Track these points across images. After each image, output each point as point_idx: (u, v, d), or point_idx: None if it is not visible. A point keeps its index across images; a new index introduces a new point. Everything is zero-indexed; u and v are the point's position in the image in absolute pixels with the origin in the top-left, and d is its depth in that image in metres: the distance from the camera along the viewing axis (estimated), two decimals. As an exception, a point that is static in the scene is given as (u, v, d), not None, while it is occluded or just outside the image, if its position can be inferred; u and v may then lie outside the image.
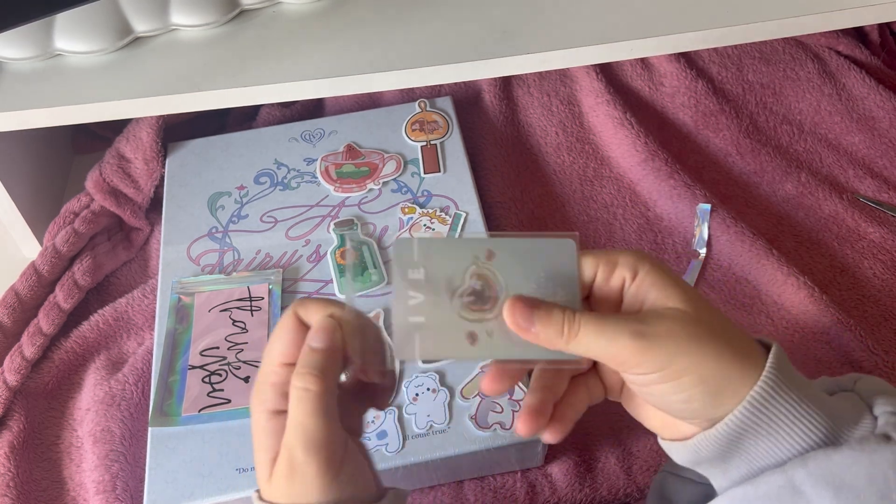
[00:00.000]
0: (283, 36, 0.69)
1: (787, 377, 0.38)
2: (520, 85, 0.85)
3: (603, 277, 0.40)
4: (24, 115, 0.65)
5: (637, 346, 0.37)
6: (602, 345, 0.37)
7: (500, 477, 0.61)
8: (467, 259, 0.39)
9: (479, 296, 0.39)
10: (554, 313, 0.38)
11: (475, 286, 0.39)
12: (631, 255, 0.39)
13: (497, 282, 0.39)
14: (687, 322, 0.37)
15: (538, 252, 0.40)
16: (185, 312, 0.65)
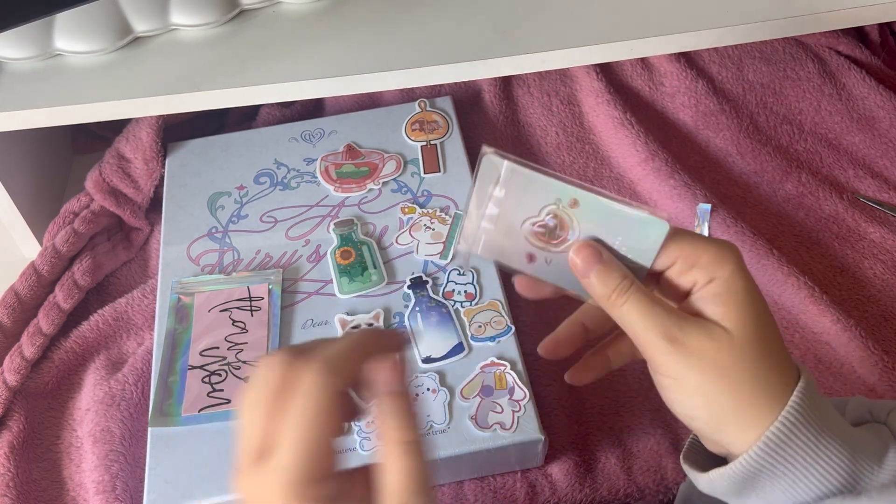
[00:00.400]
0: (283, 36, 0.69)
1: (811, 413, 0.38)
2: (520, 85, 0.85)
3: (678, 271, 0.39)
4: (24, 115, 0.65)
5: (665, 348, 0.38)
6: (637, 327, 0.39)
7: (500, 477, 0.61)
8: (550, 198, 0.40)
9: (550, 231, 0.40)
10: (613, 274, 0.39)
11: (549, 222, 0.40)
12: (713, 258, 0.39)
13: (572, 227, 0.40)
14: (722, 348, 0.38)
15: (625, 220, 0.39)
16: (184, 312, 0.65)
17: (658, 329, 0.38)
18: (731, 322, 0.38)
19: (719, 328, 0.38)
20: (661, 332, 0.38)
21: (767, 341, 0.39)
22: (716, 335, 0.38)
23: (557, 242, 0.40)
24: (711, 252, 0.39)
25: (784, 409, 0.38)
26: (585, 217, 0.40)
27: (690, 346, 0.38)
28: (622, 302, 0.39)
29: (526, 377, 0.61)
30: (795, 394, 0.38)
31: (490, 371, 0.61)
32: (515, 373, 0.61)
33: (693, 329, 0.38)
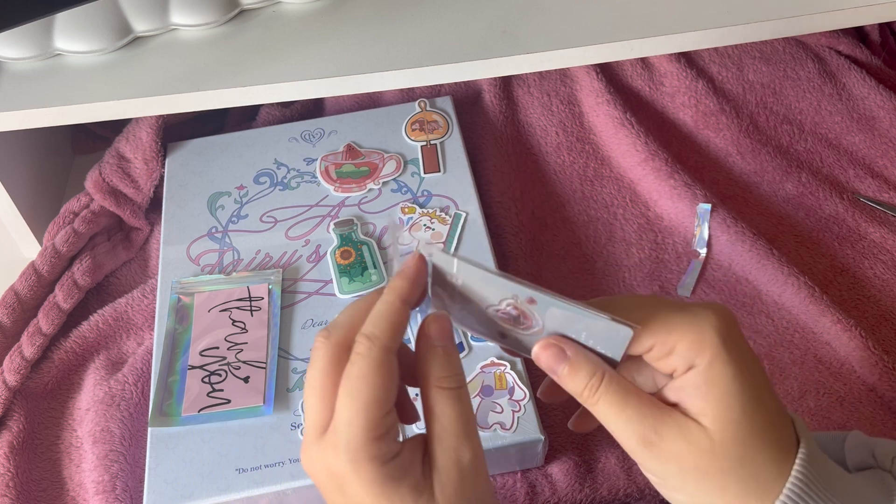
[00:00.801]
0: (282, 36, 0.69)
1: (810, 492, 0.36)
2: (520, 85, 0.85)
3: (655, 357, 0.37)
4: (24, 115, 0.65)
5: (641, 452, 0.37)
6: (612, 427, 0.37)
7: (500, 477, 0.61)
8: (506, 293, 0.38)
9: (513, 318, 0.39)
10: (581, 373, 0.37)
11: (511, 312, 0.39)
12: (691, 344, 0.36)
13: (534, 318, 0.38)
14: (703, 449, 0.36)
15: (587, 321, 0.37)
16: (184, 312, 0.65)
17: (634, 429, 0.37)
18: (710, 419, 0.36)
19: (698, 427, 0.36)
20: (637, 433, 0.36)
21: (755, 430, 0.36)
22: (693, 437, 0.36)
23: (524, 328, 0.39)
24: (689, 337, 0.36)
25: (783, 490, 0.36)
26: (545, 314, 0.38)
27: (667, 450, 0.36)
28: (595, 400, 0.37)
29: (526, 377, 0.61)
30: (793, 474, 0.36)
31: (490, 371, 0.61)
32: (515, 373, 0.61)
33: (670, 431, 0.36)
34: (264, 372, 0.61)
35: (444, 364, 0.37)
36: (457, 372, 0.37)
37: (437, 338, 0.38)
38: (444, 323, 0.38)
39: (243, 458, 0.57)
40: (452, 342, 0.38)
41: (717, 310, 0.37)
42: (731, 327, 0.37)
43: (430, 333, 0.38)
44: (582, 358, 0.38)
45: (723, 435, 0.36)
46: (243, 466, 0.57)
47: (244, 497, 0.56)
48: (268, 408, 0.59)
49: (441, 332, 0.38)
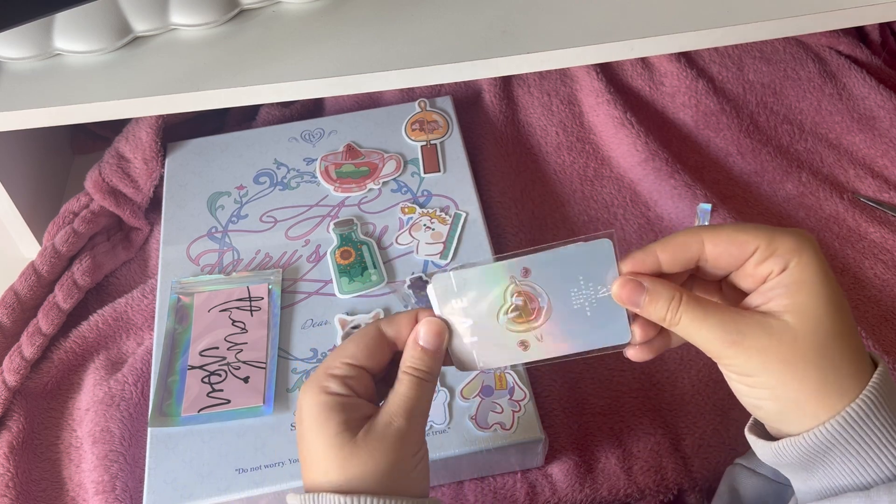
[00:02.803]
0: (283, 36, 0.69)
1: (888, 400, 0.38)
2: (520, 85, 0.85)
3: (758, 260, 0.40)
4: (24, 115, 0.65)
5: (726, 351, 0.39)
6: (697, 338, 0.40)
7: (500, 477, 0.61)
8: (505, 280, 0.42)
9: (523, 310, 0.42)
10: (661, 298, 0.40)
11: (517, 302, 0.42)
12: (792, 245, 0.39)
13: (538, 294, 0.42)
14: (785, 341, 0.38)
15: (574, 258, 0.41)
16: (184, 312, 0.65)
17: (716, 335, 0.39)
18: (794, 314, 0.39)
19: (780, 322, 0.39)
20: (720, 337, 0.39)
21: (835, 331, 0.39)
22: (776, 331, 0.38)
23: (535, 317, 0.42)
24: (790, 242, 0.39)
25: (865, 388, 0.38)
26: (542, 278, 0.42)
27: (751, 346, 0.39)
28: (678, 320, 0.40)
29: (526, 377, 0.60)
30: (875, 376, 0.38)
31: (490, 371, 0.61)
32: (515, 373, 0.61)
33: (752, 328, 0.39)
34: (264, 372, 0.61)
35: (418, 357, 0.43)
36: (428, 367, 0.43)
37: (423, 336, 0.43)
38: (434, 328, 0.43)
39: (243, 458, 0.57)
40: (436, 345, 0.43)
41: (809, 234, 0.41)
42: (818, 248, 0.40)
43: (419, 330, 0.43)
44: (658, 284, 0.40)
45: (805, 327, 0.38)
46: (243, 466, 0.57)
47: (244, 497, 0.56)
48: (268, 408, 0.59)
49: (427, 334, 0.43)
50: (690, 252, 0.41)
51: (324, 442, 0.41)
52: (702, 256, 0.41)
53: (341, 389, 0.42)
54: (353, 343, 0.43)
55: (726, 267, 0.41)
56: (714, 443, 0.62)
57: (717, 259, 0.41)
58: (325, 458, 0.41)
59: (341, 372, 0.43)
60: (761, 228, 0.40)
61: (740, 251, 0.40)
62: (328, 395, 0.42)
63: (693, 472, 0.61)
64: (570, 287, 0.42)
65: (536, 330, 0.42)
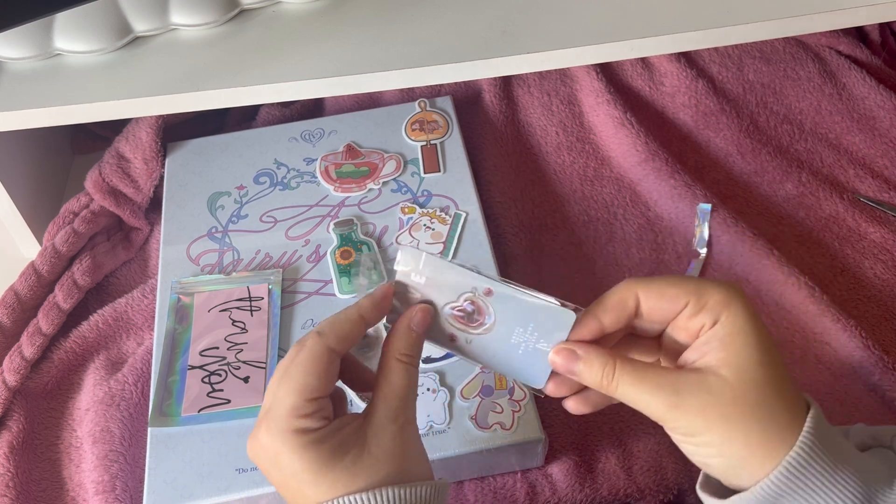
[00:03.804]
0: (283, 36, 0.69)
1: (823, 443, 0.39)
2: (520, 85, 0.85)
3: (689, 314, 0.41)
4: (24, 115, 0.65)
5: (669, 415, 0.40)
6: (636, 403, 0.41)
7: (500, 477, 0.61)
8: (466, 287, 0.44)
9: (469, 315, 0.44)
10: (595, 365, 0.41)
11: (467, 308, 0.44)
12: (721, 298, 0.40)
13: (488, 313, 0.44)
14: (724, 398, 0.39)
15: (536, 309, 0.43)
16: (184, 312, 0.65)
17: (655, 399, 0.40)
18: (729, 368, 0.39)
19: (717, 378, 0.39)
20: (660, 401, 0.40)
21: (771, 380, 0.39)
22: (714, 389, 0.39)
23: (476, 325, 0.44)
24: (719, 295, 0.40)
25: (800, 436, 0.39)
26: (499, 306, 0.43)
27: (691, 406, 0.39)
28: (615, 385, 0.41)
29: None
30: (808, 421, 0.39)
31: (490, 371, 0.61)
32: (515, 373, 0.60)
33: (690, 388, 0.39)
34: (264, 372, 0.61)
35: (410, 344, 0.43)
36: (417, 354, 0.43)
37: (415, 324, 0.43)
38: (426, 316, 0.43)
39: (243, 458, 0.57)
40: (424, 334, 0.44)
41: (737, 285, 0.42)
42: (748, 300, 0.41)
43: (410, 316, 0.43)
44: (592, 352, 0.41)
45: (742, 380, 0.39)
46: (243, 466, 0.57)
47: (244, 497, 0.56)
48: (268, 408, 0.59)
49: (420, 321, 0.43)
50: (628, 309, 0.42)
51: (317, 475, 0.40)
52: (637, 311, 0.42)
53: (319, 424, 0.40)
54: (311, 375, 0.41)
55: (660, 321, 0.42)
56: (714, 443, 0.62)
57: (651, 313, 0.42)
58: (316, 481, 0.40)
59: (311, 409, 0.40)
60: (691, 282, 0.41)
61: (671, 305, 0.41)
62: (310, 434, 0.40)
63: (693, 472, 0.61)
64: (517, 325, 0.43)
65: (469, 334, 0.44)
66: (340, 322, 0.42)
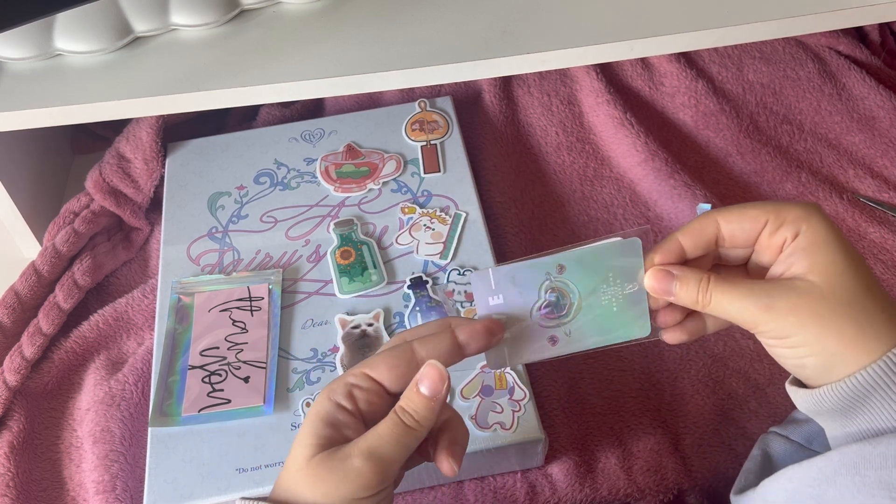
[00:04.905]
0: (283, 36, 0.69)
1: None
2: (520, 85, 0.85)
3: (770, 231, 0.42)
4: (24, 115, 0.65)
5: (761, 317, 0.41)
6: (731, 313, 0.42)
7: (500, 477, 0.61)
8: (541, 276, 0.44)
9: (556, 305, 0.44)
10: (690, 282, 0.42)
11: (551, 299, 0.44)
12: (799, 213, 0.42)
13: (570, 290, 0.44)
14: (815, 299, 0.40)
15: (606, 255, 0.43)
16: (184, 312, 0.65)
17: (749, 304, 0.41)
18: (817, 273, 0.40)
19: (805, 282, 0.41)
20: (753, 305, 0.41)
21: (861, 284, 0.41)
22: (804, 290, 0.40)
23: (566, 312, 0.44)
24: (797, 210, 0.42)
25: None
26: (575, 275, 0.44)
27: (783, 307, 0.40)
28: (709, 299, 0.42)
29: (526, 377, 0.61)
30: None
31: (490, 371, 0.61)
32: (515, 373, 0.61)
33: (781, 291, 0.41)
34: (264, 372, 0.61)
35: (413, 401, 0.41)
36: (420, 415, 0.41)
37: (424, 382, 0.41)
38: (436, 374, 0.42)
39: (243, 458, 0.57)
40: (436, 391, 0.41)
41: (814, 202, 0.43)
42: (824, 212, 0.43)
43: (422, 373, 0.42)
44: (686, 270, 0.43)
45: (831, 283, 0.40)
46: (243, 466, 0.57)
47: (244, 497, 0.56)
48: (268, 408, 0.59)
49: (429, 379, 0.41)
50: (708, 234, 0.43)
51: (295, 450, 0.41)
52: (719, 237, 0.43)
53: (344, 401, 0.42)
54: (381, 356, 0.42)
55: (743, 243, 0.43)
56: (714, 443, 0.62)
57: (733, 237, 0.43)
58: (288, 467, 0.41)
59: (354, 380, 0.42)
60: (768, 203, 0.43)
61: (751, 225, 0.42)
62: (328, 402, 0.42)
63: (693, 472, 0.61)
64: (600, 284, 0.43)
65: (566, 325, 0.44)
66: (434, 340, 0.43)
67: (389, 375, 0.42)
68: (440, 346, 0.42)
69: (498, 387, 0.60)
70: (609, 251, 0.43)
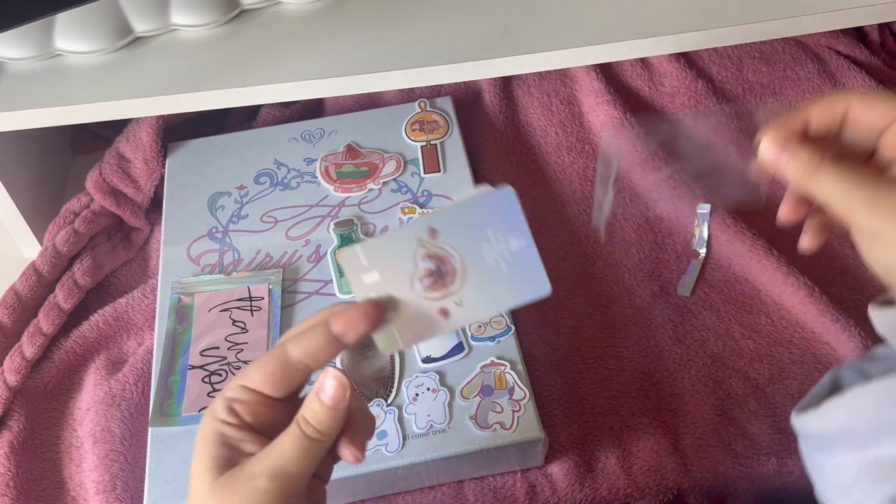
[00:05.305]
0: (283, 36, 0.69)
1: None
2: (520, 85, 0.85)
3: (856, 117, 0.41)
4: (24, 115, 0.65)
5: (862, 209, 0.39)
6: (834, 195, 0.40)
7: (500, 477, 0.61)
8: (412, 244, 0.40)
9: (438, 274, 0.40)
10: (802, 154, 0.41)
11: (430, 267, 0.40)
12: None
13: (449, 255, 0.40)
14: None
15: (479, 211, 0.40)
16: (185, 312, 0.65)
17: (852, 192, 0.39)
18: None
19: None
20: (856, 194, 0.39)
21: None
22: None
23: (451, 280, 0.40)
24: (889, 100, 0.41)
25: None
26: (450, 237, 0.40)
27: (887, 204, 0.39)
28: (816, 177, 0.40)
29: (526, 377, 0.61)
30: None
31: (490, 371, 0.61)
32: (515, 373, 0.61)
33: (889, 187, 0.39)
34: (264, 372, 0.61)
35: (314, 412, 0.39)
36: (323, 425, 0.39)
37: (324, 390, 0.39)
38: (337, 382, 0.39)
39: (243, 457, 0.57)
40: (337, 400, 0.39)
41: None
42: None
43: (322, 382, 0.39)
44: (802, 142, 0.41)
45: None
46: (243, 466, 0.57)
47: (244, 497, 0.56)
48: (268, 408, 0.59)
49: (330, 388, 0.39)
50: (837, 110, 0.42)
51: (194, 477, 0.39)
52: (846, 118, 0.42)
53: (227, 417, 0.39)
54: (255, 364, 0.39)
55: (868, 131, 0.42)
56: (714, 443, 0.62)
57: (859, 121, 0.41)
58: (192, 496, 0.39)
59: (232, 394, 0.39)
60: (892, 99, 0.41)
61: (882, 113, 0.41)
62: (212, 422, 0.39)
63: (693, 472, 0.61)
64: (480, 243, 0.40)
65: (455, 295, 0.40)
66: (307, 337, 0.39)
67: (266, 383, 0.39)
68: (313, 342, 0.39)
69: (498, 387, 0.60)
70: (482, 206, 0.39)
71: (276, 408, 0.40)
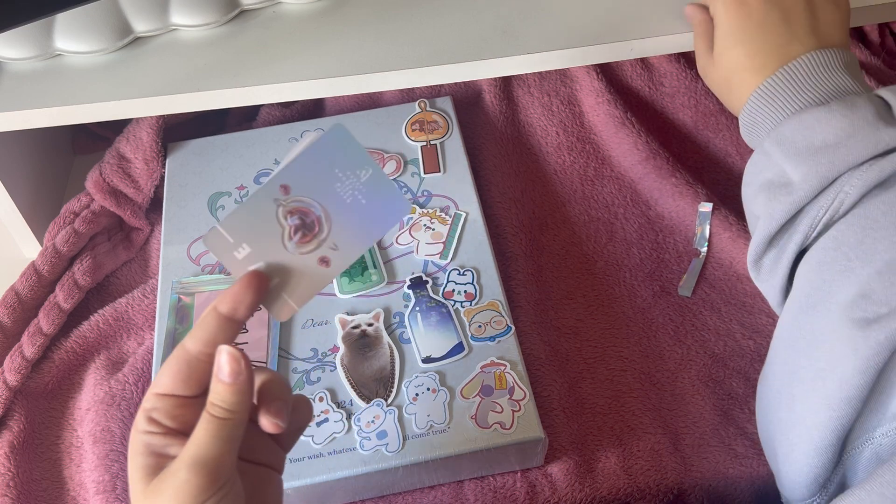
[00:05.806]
0: (283, 36, 0.69)
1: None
2: (520, 85, 0.85)
3: None
4: (24, 115, 0.65)
5: None
6: None
7: (500, 477, 0.61)
8: (270, 206, 0.41)
9: (305, 226, 0.41)
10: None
11: (295, 222, 0.41)
12: None
13: (309, 205, 0.41)
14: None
15: (319, 155, 0.41)
16: (185, 312, 0.65)
17: None
18: None
19: None
20: None
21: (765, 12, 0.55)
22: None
23: (319, 229, 0.41)
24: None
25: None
26: (302, 188, 0.41)
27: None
28: None
29: (526, 377, 0.61)
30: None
31: (490, 371, 0.61)
32: (515, 373, 0.61)
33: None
34: (264, 372, 0.61)
35: (218, 392, 0.39)
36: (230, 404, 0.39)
37: (220, 369, 0.39)
38: (229, 357, 0.39)
39: (243, 457, 0.57)
40: (235, 374, 0.39)
41: None
42: None
43: (217, 362, 0.40)
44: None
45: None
46: (243, 466, 0.57)
47: (244, 497, 0.56)
48: (268, 408, 0.59)
49: (224, 364, 0.39)
50: None
51: (130, 489, 0.40)
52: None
53: (148, 427, 0.40)
54: (161, 369, 0.40)
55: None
56: (714, 443, 0.62)
57: None
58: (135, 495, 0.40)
59: (148, 405, 0.40)
60: None
61: None
62: (136, 434, 0.40)
63: (693, 472, 0.61)
64: (332, 184, 0.41)
65: (328, 241, 0.41)
66: (198, 331, 0.40)
67: (175, 382, 0.40)
68: (207, 328, 0.40)
69: (498, 387, 0.60)
70: (321, 150, 0.40)
71: (196, 406, 0.40)
